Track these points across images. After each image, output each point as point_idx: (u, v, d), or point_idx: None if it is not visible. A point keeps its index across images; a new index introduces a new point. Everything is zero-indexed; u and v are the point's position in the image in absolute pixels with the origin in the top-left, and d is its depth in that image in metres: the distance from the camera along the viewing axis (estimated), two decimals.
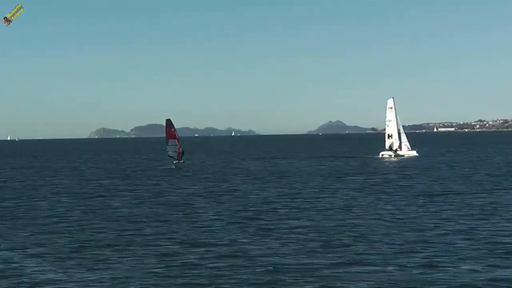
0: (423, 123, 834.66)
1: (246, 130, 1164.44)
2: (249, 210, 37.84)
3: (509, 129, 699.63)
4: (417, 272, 21.64)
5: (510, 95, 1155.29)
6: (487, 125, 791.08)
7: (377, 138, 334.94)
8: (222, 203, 42.10)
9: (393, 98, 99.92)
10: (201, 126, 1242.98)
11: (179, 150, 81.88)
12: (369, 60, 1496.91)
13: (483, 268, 21.98)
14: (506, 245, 25.72)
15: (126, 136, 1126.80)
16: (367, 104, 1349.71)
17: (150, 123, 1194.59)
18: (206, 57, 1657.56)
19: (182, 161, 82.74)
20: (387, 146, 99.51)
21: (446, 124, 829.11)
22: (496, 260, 23.22)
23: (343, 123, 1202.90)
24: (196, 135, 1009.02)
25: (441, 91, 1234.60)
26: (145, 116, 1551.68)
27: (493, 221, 32.13)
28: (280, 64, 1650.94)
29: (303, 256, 24.29)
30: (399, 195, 44.79)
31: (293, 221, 33.01)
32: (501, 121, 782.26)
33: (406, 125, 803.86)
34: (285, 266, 22.59)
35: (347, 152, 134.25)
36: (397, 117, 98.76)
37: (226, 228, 31.08)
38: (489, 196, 42.96)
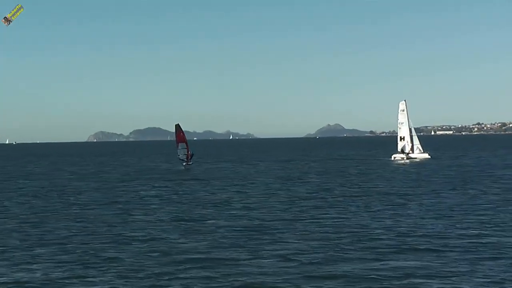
0: (421, 126, 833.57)
1: (245, 133, 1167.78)
2: (189, 212, 39.26)
3: (507, 132, 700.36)
4: (319, 264, 23.17)
5: (508, 98, 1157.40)
6: (485, 128, 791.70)
7: (375, 141, 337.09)
8: (170, 204, 43.68)
9: (405, 100, 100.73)
10: (199, 130, 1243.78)
11: (188, 153, 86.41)
12: (368, 63, 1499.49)
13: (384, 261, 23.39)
14: (416, 241, 27.29)
15: (124, 140, 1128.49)
16: (365, 107, 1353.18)
17: (149, 126, 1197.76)
18: (205, 59, 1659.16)
19: (190, 163, 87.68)
20: (399, 149, 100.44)
21: (444, 127, 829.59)
22: (396, 254, 24.70)
23: (341, 126, 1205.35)
24: (194, 138, 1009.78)
25: (439, 94, 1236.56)
26: (144, 119, 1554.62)
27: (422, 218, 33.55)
28: (279, 66, 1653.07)
29: (212, 251, 25.90)
30: (348, 196, 46.33)
31: (223, 221, 34.57)
32: (499, 124, 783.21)
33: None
34: (194, 260, 24.16)
35: (356, 154, 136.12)
36: (409, 119, 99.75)
37: (159, 228, 32.50)
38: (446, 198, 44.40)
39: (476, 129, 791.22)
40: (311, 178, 66.00)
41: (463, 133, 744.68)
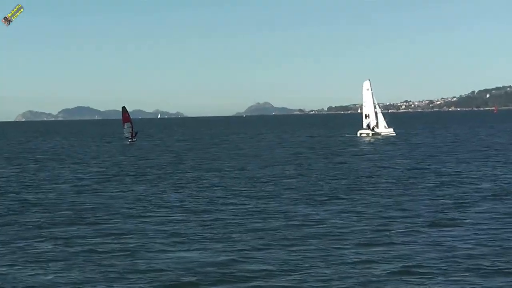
0: (350, 104, 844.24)
1: (174, 112, 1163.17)
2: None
3: (435, 110, 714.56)
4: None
5: (435, 75, 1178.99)
6: (412, 105, 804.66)
7: (303, 119, 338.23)
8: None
9: (369, 80, 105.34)
10: (129, 109, 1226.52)
11: (132, 131, 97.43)
12: (298, 40, 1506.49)
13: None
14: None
15: (53, 119, 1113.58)
16: (295, 85, 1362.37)
17: (78, 105, 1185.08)
18: (134, 36, 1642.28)
19: (134, 139, 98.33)
20: (364, 126, 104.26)
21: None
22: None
23: (270, 104, 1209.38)
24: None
25: (366, 72, 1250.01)
26: (72, 98, 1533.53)
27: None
28: (209, 44, 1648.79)
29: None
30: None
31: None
32: (427, 101, 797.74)
33: (333, 106, 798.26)
34: None
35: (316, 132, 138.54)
36: (374, 97, 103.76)
37: None
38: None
39: (403, 106, 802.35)
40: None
41: (390, 111, 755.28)
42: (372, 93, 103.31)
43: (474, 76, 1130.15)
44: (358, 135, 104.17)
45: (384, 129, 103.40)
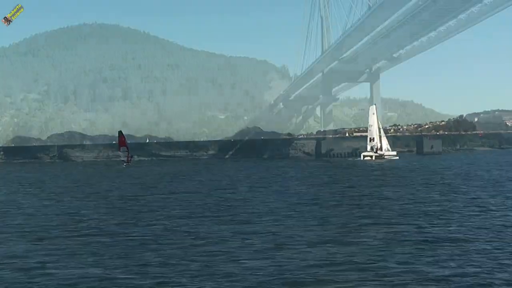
0: (338, 128, 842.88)
1: (164, 137, 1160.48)
2: None
3: (423, 133, 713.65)
4: None
5: (424, 100, 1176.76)
6: (401, 129, 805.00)
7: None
8: None
9: (375, 104, 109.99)
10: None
11: (128, 155, 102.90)
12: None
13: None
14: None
15: (42, 144, 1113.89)
16: (284, 110, 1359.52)
17: (67, 130, 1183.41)
18: (123, 61, 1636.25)
19: (130, 163, 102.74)
20: (368, 148, 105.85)
21: (361, 129, 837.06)
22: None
23: (260, 128, 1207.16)
24: (114, 142, 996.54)
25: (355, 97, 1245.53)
26: (62, 123, 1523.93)
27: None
28: (196, 68, 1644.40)
29: None
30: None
31: None
32: (415, 125, 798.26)
33: (322, 130, 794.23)
34: None
35: None
36: (379, 122, 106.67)
37: None
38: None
39: (392, 130, 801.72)
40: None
41: None
42: (377, 117, 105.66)
43: (462, 99, 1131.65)
44: (362, 158, 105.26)
45: (387, 152, 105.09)
